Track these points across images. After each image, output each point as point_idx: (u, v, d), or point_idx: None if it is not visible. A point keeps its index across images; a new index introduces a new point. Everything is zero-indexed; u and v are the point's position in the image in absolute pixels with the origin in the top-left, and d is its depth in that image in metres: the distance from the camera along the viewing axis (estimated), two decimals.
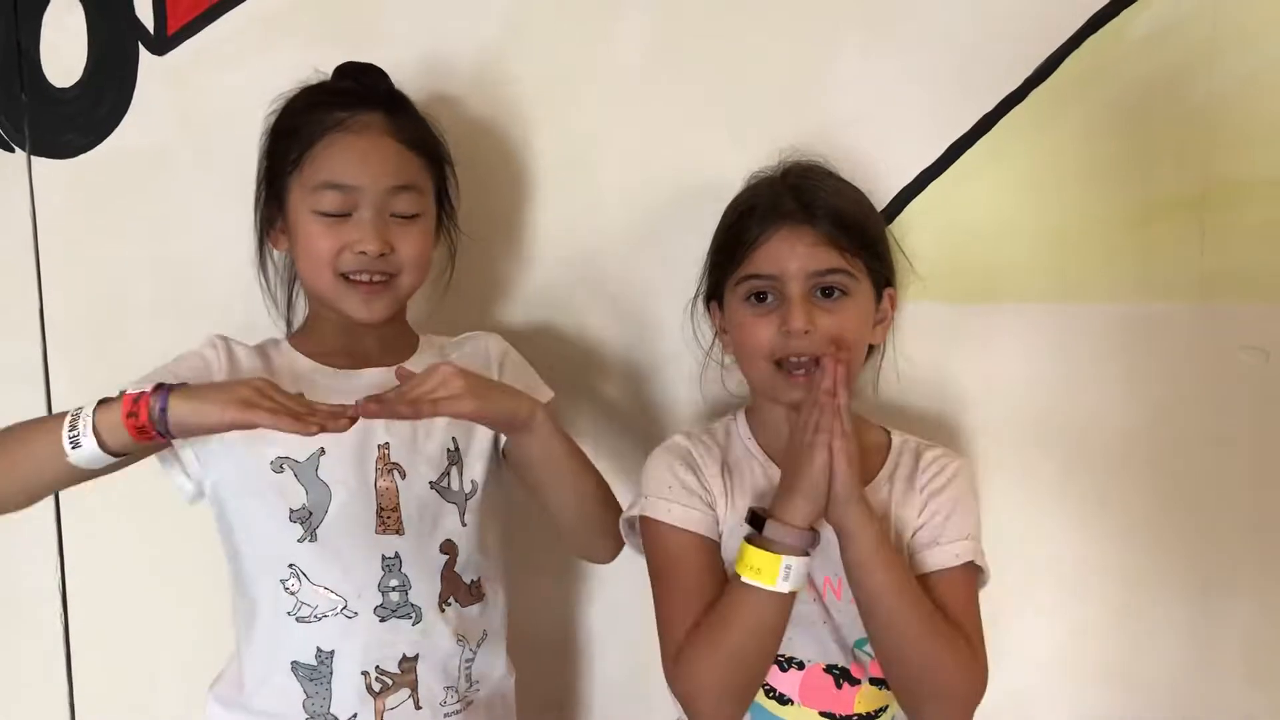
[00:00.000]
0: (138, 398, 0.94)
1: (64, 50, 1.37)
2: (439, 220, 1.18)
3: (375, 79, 1.14)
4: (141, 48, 1.36)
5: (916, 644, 1.02)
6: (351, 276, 1.09)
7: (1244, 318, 1.27)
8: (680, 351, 1.31)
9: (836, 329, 1.07)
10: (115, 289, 1.40)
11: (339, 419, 0.94)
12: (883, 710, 1.11)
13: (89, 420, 0.94)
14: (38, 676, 1.48)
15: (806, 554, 1.00)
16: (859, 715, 1.10)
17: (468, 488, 1.13)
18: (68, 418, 0.95)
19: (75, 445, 0.94)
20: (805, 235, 1.08)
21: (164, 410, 0.93)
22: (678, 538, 1.09)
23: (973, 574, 1.10)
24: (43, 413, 1.40)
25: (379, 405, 0.96)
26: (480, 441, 1.15)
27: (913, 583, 1.04)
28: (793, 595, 1.01)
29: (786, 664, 1.09)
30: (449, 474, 1.12)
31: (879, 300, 1.14)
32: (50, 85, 1.38)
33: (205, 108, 1.35)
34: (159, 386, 0.95)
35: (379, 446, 1.09)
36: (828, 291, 1.09)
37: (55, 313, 1.41)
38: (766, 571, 0.99)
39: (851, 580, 1.03)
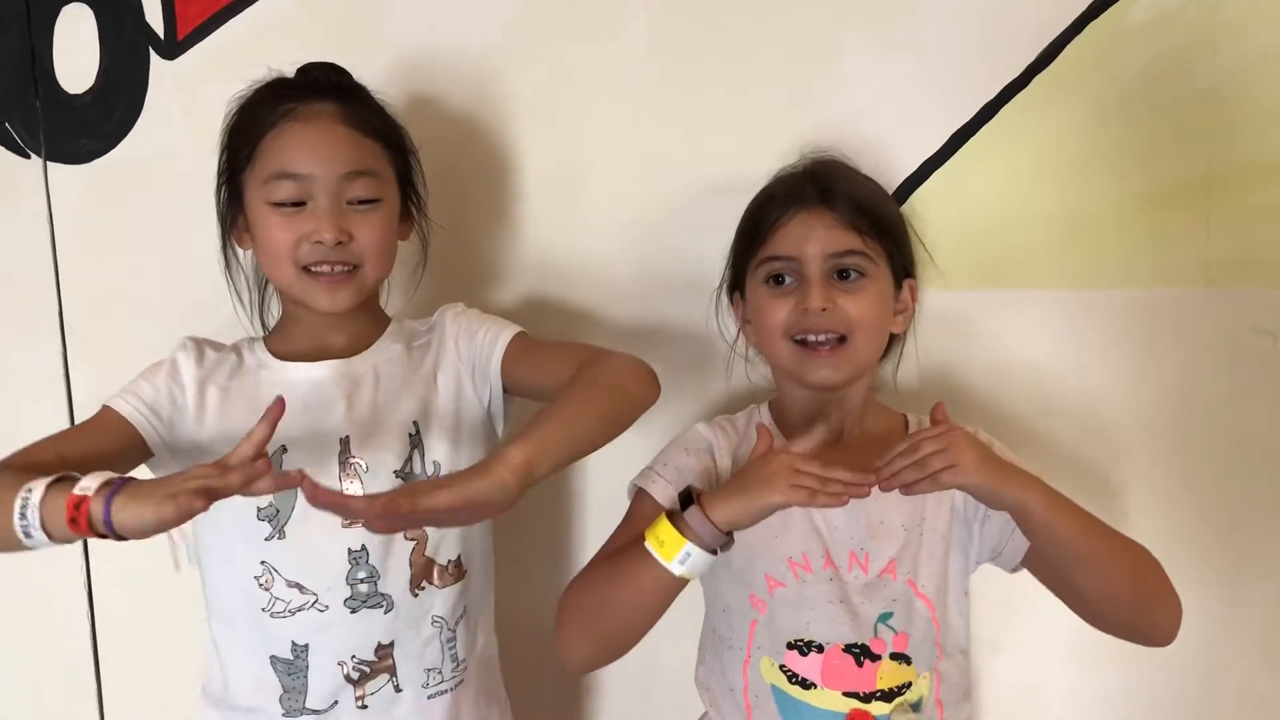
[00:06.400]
0: (79, 502, 0.87)
1: (76, 57, 1.38)
2: (408, 211, 1.17)
3: (329, 72, 1.12)
4: (152, 53, 1.38)
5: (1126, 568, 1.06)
6: (313, 269, 1.08)
7: (1252, 301, 1.28)
8: (693, 350, 1.32)
9: (854, 309, 1.10)
10: (133, 292, 1.41)
11: (259, 476, 0.88)
12: (907, 686, 1.09)
13: (36, 513, 0.88)
14: (64, 680, 1.50)
15: (714, 552, 1.01)
16: (882, 691, 1.08)
17: (430, 469, 1.10)
18: (17, 502, 0.88)
19: (27, 535, 0.88)
20: (824, 218, 1.11)
21: (108, 521, 0.86)
22: (654, 509, 1.09)
23: None
24: (64, 419, 1.42)
25: (322, 492, 0.88)
26: (441, 420, 1.12)
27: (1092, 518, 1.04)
28: (683, 581, 1.01)
29: (806, 648, 1.10)
30: (411, 459, 1.10)
31: (899, 290, 1.16)
32: (64, 92, 1.39)
33: (215, 111, 1.35)
34: (103, 485, 0.87)
35: (340, 440, 1.08)
36: (844, 274, 1.11)
37: (74, 317, 1.43)
38: (669, 547, 1.00)
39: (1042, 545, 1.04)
